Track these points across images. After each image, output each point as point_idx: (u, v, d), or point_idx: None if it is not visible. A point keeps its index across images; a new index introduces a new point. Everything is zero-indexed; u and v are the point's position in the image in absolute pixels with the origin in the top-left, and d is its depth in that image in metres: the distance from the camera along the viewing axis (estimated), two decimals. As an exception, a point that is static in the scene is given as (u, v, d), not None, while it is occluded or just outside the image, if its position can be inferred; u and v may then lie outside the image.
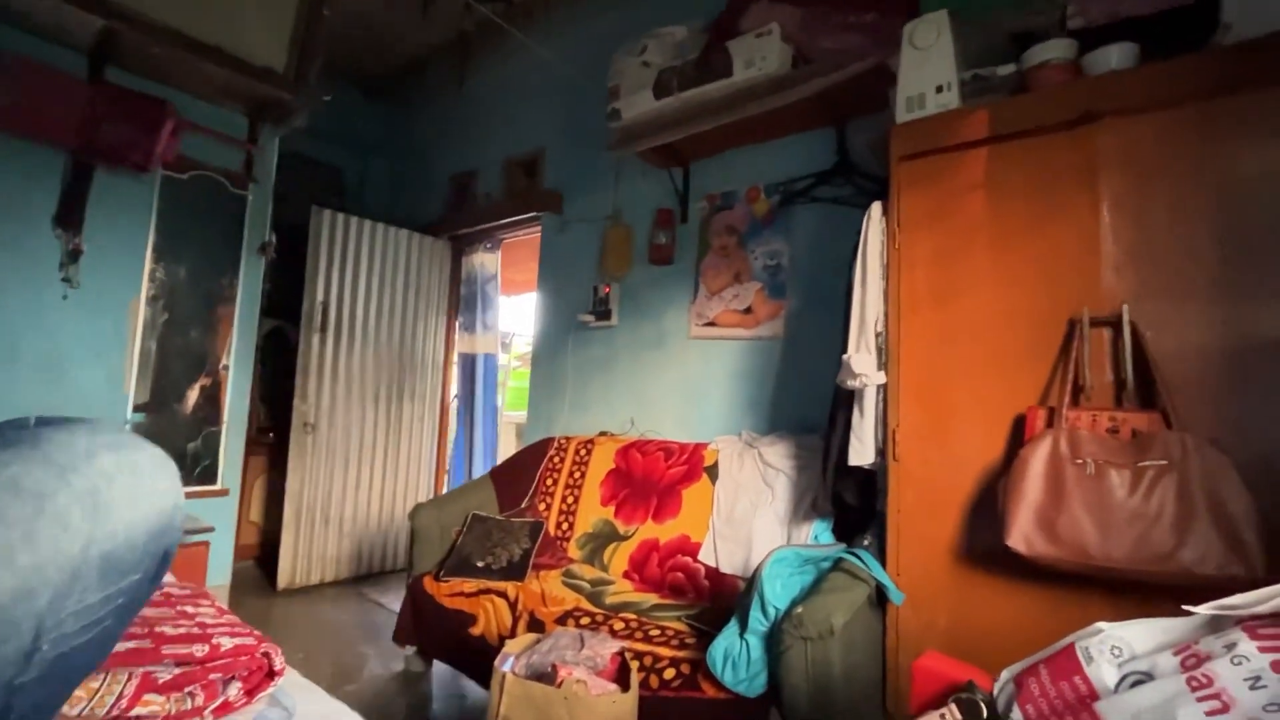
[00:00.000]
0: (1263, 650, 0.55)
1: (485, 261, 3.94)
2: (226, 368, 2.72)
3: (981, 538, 1.41)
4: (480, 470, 3.81)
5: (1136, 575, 1.16)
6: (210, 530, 2.24)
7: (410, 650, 2.35)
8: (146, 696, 0.77)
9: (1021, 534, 1.25)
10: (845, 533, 1.85)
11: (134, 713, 0.76)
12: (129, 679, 0.76)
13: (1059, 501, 1.23)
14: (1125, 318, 1.28)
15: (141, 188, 2.45)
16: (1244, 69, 1.23)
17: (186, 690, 0.81)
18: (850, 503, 1.78)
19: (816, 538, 1.89)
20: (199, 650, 0.83)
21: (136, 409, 2.47)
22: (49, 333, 2.27)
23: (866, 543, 1.75)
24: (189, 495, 2.56)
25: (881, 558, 1.59)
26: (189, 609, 0.98)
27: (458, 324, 3.98)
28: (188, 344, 2.62)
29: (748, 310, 2.50)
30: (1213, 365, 1.22)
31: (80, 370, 2.34)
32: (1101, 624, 0.68)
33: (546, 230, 3.33)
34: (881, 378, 1.62)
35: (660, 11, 2.72)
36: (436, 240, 3.86)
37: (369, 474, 3.54)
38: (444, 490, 3.88)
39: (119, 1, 2.13)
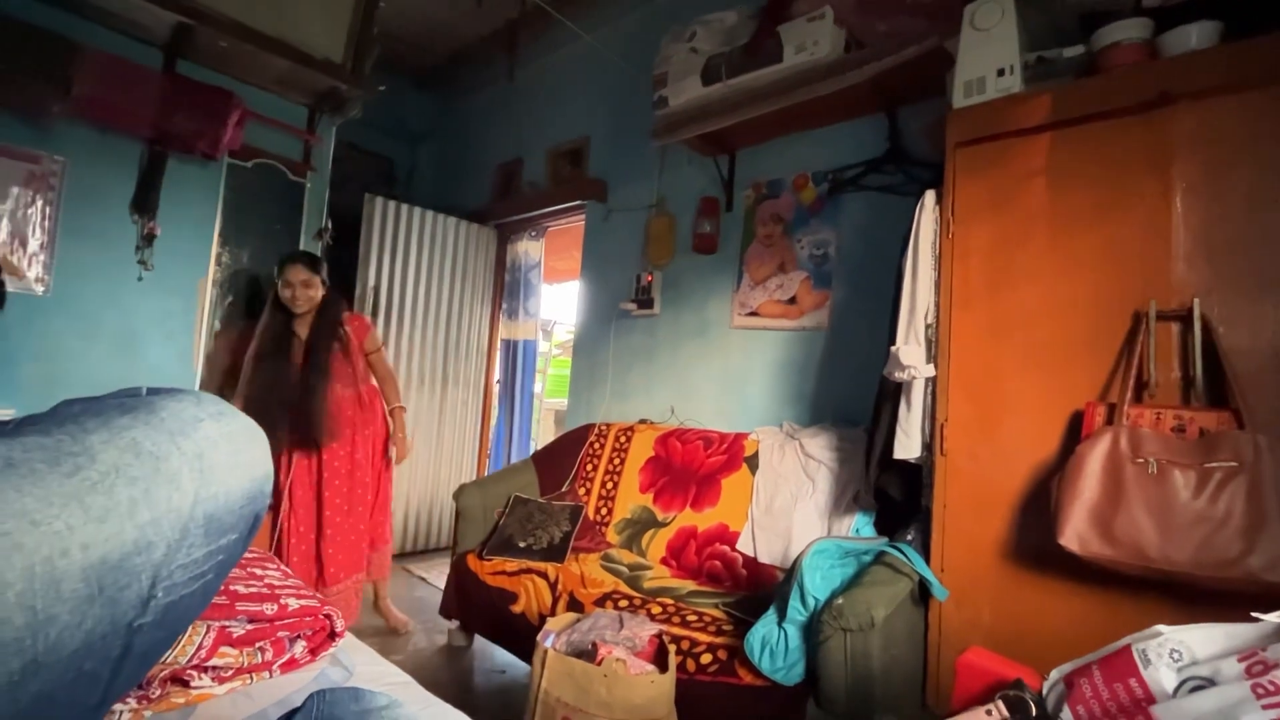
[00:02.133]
0: None
1: (529, 249, 4.00)
2: (284, 348, 2.85)
3: (1031, 536, 1.38)
4: (519, 454, 3.89)
5: (1198, 580, 1.12)
6: (269, 502, 2.36)
7: (454, 624, 2.43)
8: (223, 649, 0.83)
9: (1075, 533, 1.22)
10: (887, 527, 1.83)
11: (211, 662, 0.81)
12: (208, 631, 0.82)
13: (1117, 501, 1.19)
14: (1196, 311, 1.23)
15: (209, 175, 2.57)
16: (1339, 48, 1.15)
17: (258, 645, 0.87)
18: (894, 497, 1.76)
19: (858, 531, 1.88)
20: (269, 609, 0.89)
21: (201, 386, 2.61)
22: (125, 312, 2.42)
23: (910, 537, 1.72)
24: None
25: (925, 553, 1.56)
26: (258, 571, 1.04)
27: (502, 310, 4.05)
28: (248, 326, 2.75)
29: (792, 300, 2.47)
30: (1291, 363, 1.16)
31: (153, 347, 2.48)
32: (1161, 627, 0.66)
33: (590, 218, 3.36)
34: (930, 370, 1.59)
35: (709, -3, 2.69)
36: (483, 227, 3.93)
37: (415, 454, 3.66)
38: (485, 473, 3.98)
39: (191, -3, 2.24)
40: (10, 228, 2.18)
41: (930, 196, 1.64)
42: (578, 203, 3.39)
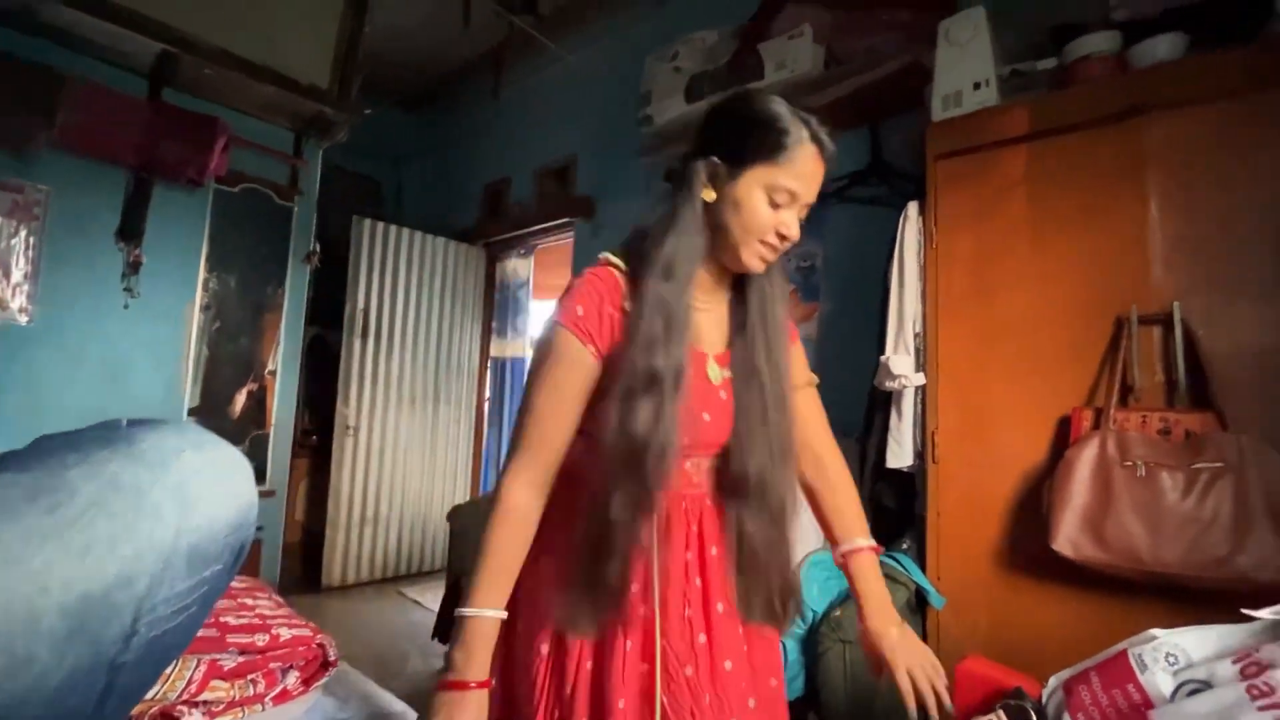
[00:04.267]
0: None
1: (518, 268, 4.01)
2: (273, 373, 2.83)
3: (1025, 541, 1.38)
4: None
5: (1189, 581, 1.12)
6: (260, 529, 2.33)
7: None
8: (214, 682, 0.82)
9: (1067, 538, 1.23)
10: (883, 536, 1.82)
11: (202, 697, 0.80)
12: (198, 665, 0.81)
13: (1107, 505, 1.20)
14: (1177, 315, 1.25)
15: (196, 201, 2.57)
16: (1301, 57, 1.18)
17: (249, 678, 0.85)
18: (888, 506, 1.76)
19: (853, 541, 1.87)
20: (260, 639, 0.87)
21: (190, 413, 2.59)
22: (111, 340, 2.39)
23: (905, 546, 1.72)
24: (240, 496, 2.67)
25: (921, 561, 1.56)
26: (249, 601, 1.02)
27: (492, 328, 4.05)
28: (237, 350, 2.73)
29: (781, 312, 2.48)
30: (1267, 364, 1.18)
31: (139, 376, 2.46)
32: (1156, 630, 0.66)
33: (579, 236, 3.37)
34: (920, 379, 1.60)
35: (692, 17, 2.74)
36: (471, 247, 3.94)
37: (407, 476, 3.63)
38: (480, 492, 3.95)
39: (176, 26, 2.25)
40: (-7, 258, 2.16)
41: (913, 208, 1.66)
42: (566, 220, 3.41)
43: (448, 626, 2.28)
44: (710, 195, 0.81)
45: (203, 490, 0.43)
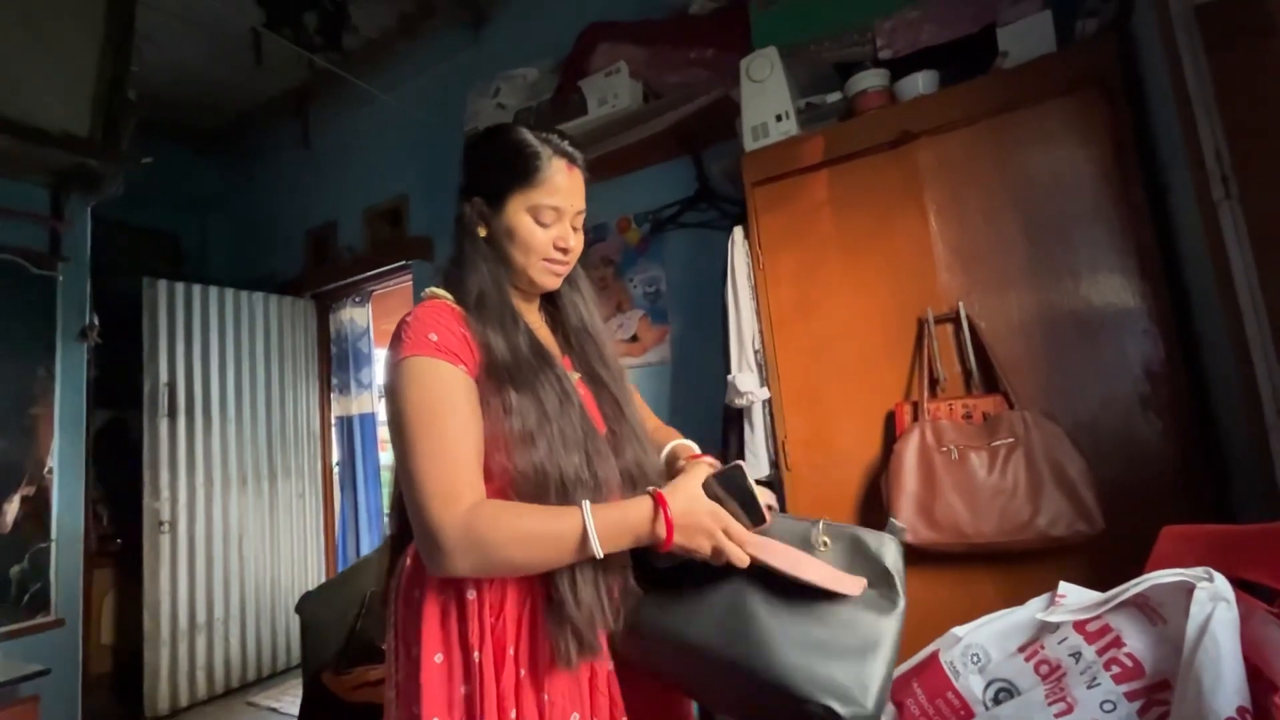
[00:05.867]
0: (1089, 642, 0.62)
1: (355, 316, 3.71)
2: (51, 471, 2.34)
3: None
4: (370, 541, 3.54)
5: (1006, 546, 1.28)
6: (44, 674, 1.89)
7: (315, 758, 2.11)
8: None
9: (906, 524, 1.34)
10: (753, 545, 1.89)
11: None
12: None
13: (932, 488, 1.33)
14: (962, 312, 1.43)
15: (-88, 280, 2.07)
16: (1019, 89, 1.42)
17: None
18: (753, 516, 1.83)
19: (727, 555, 1.92)
20: None
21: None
22: None
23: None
24: (12, 634, 2.15)
25: (789, 566, 1.63)
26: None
27: (332, 386, 3.70)
28: (3, 452, 2.23)
29: (634, 339, 2.52)
30: (1034, 344, 1.38)
31: None
32: (957, 630, 0.73)
33: (419, 278, 3.19)
34: (765, 393, 1.68)
35: (506, 52, 2.73)
36: (298, 300, 3.59)
37: (244, 569, 3.18)
38: (336, 570, 3.56)
39: None
40: None
41: (739, 232, 1.76)
42: (403, 263, 3.21)
43: (310, 733, 2.00)
44: (483, 231, 0.86)
45: None
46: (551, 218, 0.84)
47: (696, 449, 0.95)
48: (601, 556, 0.70)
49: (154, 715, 2.78)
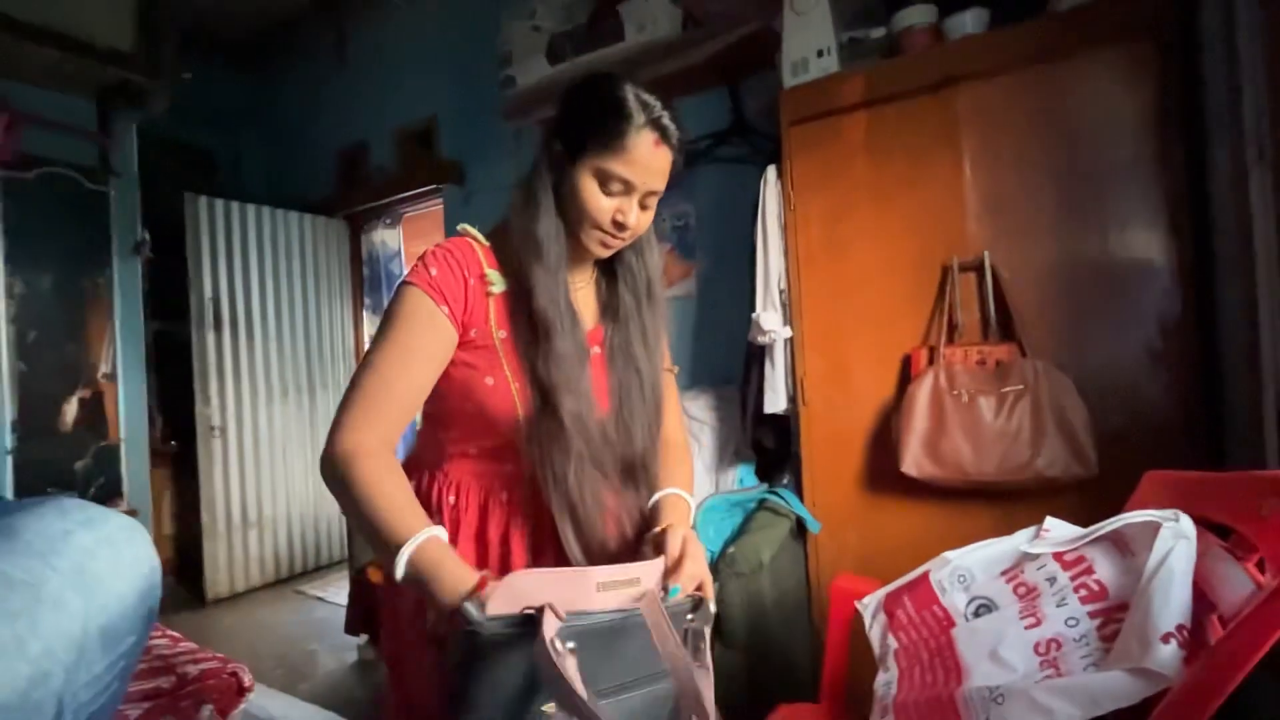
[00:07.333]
0: (1064, 569, 0.71)
1: (386, 238, 3.79)
2: (108, 376, 2.53)
3: (881, 467, 1.60)
4: (401, 451, 3.75)
5: (1004, 485, 1.37)
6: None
7: (362, 639, 2.37)
8: (120, 734, 0.79)
9: (913, 460, 1.44)
10: (766, 473, 2.02)
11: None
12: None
13: (941, 428, 1.42)
14: (986, 262, 1.46)
15: (-22, 192, 2.18)
16: (1071, 32, 1.39)
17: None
18: (768, 447, 1.94)
19: (741, 481, 2.06)
20: (165, 682, 0.84)
21: (11, 428, 2.27)
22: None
23: (785, 481, 1.92)
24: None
25: (799, 493, 1.76)
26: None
27: (365, 306, 3.83)
28: (61, 357, 2.41)
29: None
30: (1051, 297, 1.43)
31: (-60, 403, 2.11)
32: (948, 554, 0.83)
33: (449, 203, 3.23)
34: (788, 332, 1.75)
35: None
36: (330, 220, 3.66)
37: (290, 473, 3.43)
38: (374, 477, 3.80)
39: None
40: None
41: (771, 172, 1.78)
42: (434, 186, 3.24)
43: (360, 618, 2.24)
44: (553, 178, 0.81)
45: (102, 569, 0.42)
46: (619, 189, 0.78)
47: (689, 507, 0.87)
48: (399, 580, 0.67)
49: (215, 596, 3.10)
